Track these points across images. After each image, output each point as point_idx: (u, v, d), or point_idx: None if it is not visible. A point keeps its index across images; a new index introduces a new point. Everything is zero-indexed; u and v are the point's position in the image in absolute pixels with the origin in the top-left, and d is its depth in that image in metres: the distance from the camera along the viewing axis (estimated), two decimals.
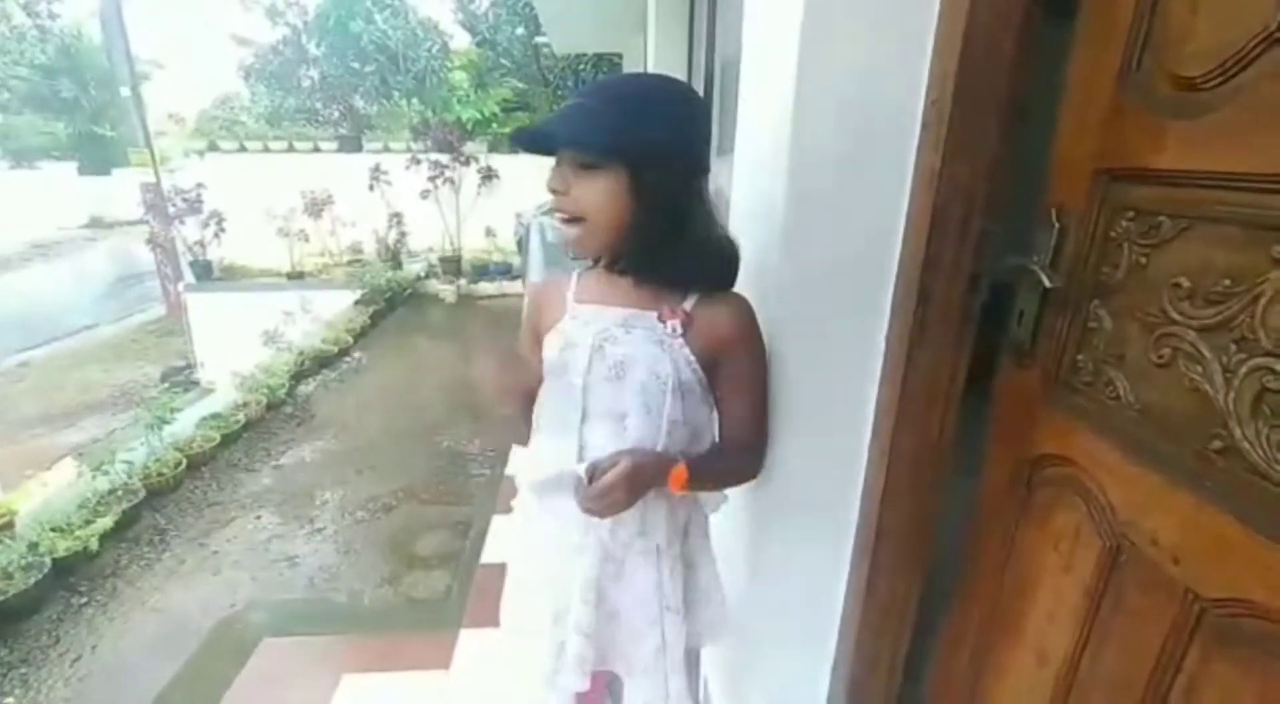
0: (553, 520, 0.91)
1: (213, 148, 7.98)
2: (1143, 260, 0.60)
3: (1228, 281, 0.51)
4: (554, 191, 0.82)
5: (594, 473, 0.78)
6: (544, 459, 0.88)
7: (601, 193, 0.79)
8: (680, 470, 0.82)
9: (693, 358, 0.84)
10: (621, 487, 0.77)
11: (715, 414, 0.92)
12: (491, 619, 1.02)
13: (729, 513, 1.03)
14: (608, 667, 0.96)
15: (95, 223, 15.25)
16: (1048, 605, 0.72)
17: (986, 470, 0.83)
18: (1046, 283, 0.68)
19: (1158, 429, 0.58)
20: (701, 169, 0.85)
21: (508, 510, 1.00)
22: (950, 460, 0.89)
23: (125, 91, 7.09)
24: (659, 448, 0.83)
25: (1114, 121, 0.63)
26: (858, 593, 0.98)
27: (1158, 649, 0.56)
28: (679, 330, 0.84)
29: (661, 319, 0.84)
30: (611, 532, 0.87)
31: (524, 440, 0.97)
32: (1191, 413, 0.54)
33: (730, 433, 0.91)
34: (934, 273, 0.80)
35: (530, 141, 0.83)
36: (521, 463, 0.96)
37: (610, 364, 0.83)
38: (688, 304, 0.86)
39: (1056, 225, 0.69)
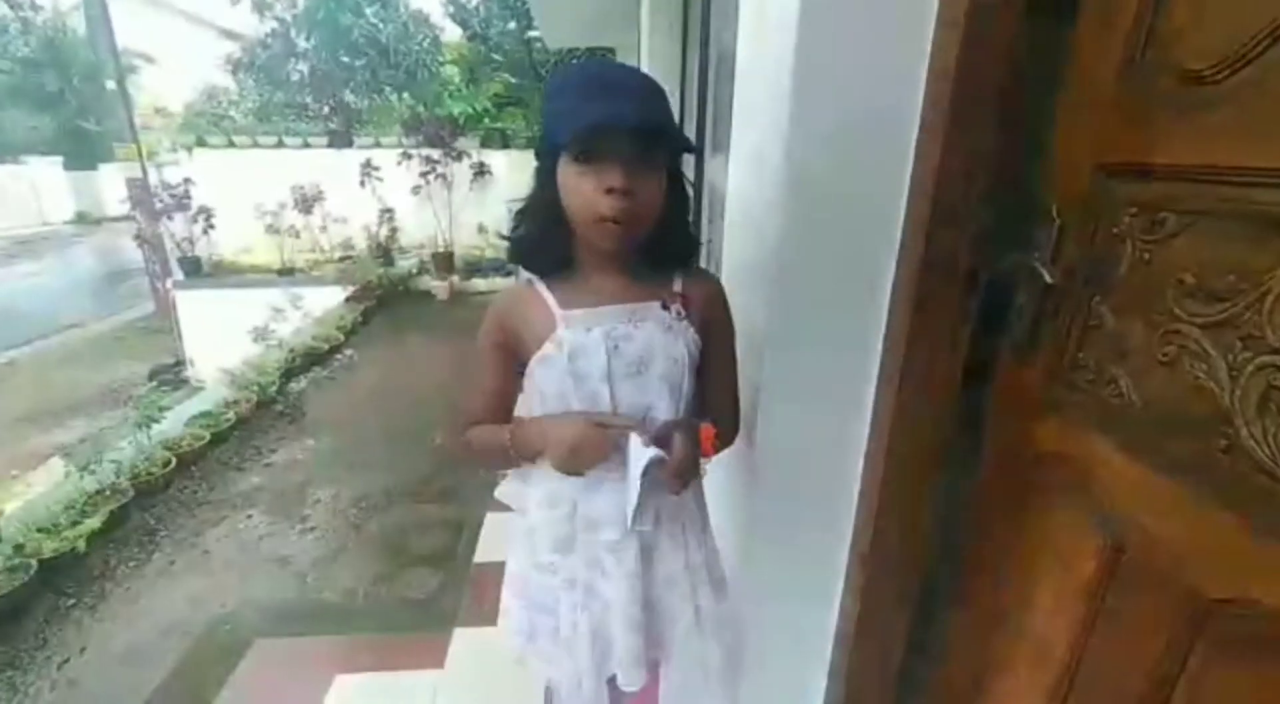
0: (586, 528, 0.87)
1: (200, 143, 7.86)
2: (1146, 257, 0.59)
3: (1233, 278, 0.50)
4: (624, 192, 0.74)
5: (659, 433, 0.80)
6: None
7: (655, 188, 0.78)
8: (708, 429, 0.85)
9: (697, 338, 0.86)
10: (691, 451, 0.81)
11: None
12: (485, 618, 1.00)
13: (724, 515, 1.03)
14: (650, 654, 0.94)
15: (82, 219, 15.05)
16: (1047, 605, 0.72)
17: (984, 468, 0.83)
18: (1047, 279, 0.67)
19: (1161, 427, 0.57)
20: None
21: (501, 508, 0.96)
22: (948, 460, 0.89)
23: (111, 85, 6.99)
24: None
25: (1116, 116, 0.62)
26: (855, 596, 0.97)
27: (1160, 650, 0.56)
28: (683, 313, 0.85)
29: (665, 306, 0.85)
30: (655, 521, 0.86)
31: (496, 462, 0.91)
32: (1196, 411, 0.53)
33: (716, 399, 0.93)
34: (932, 270, 0.79)
35: (624, 128, 0.73)
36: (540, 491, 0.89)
37: (629, 361, 0.82)
38: (677, 286, 0.87)
39: (1057, 221, 0.68)
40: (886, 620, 0.97)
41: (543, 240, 0.83)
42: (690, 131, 2.49)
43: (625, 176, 0.73)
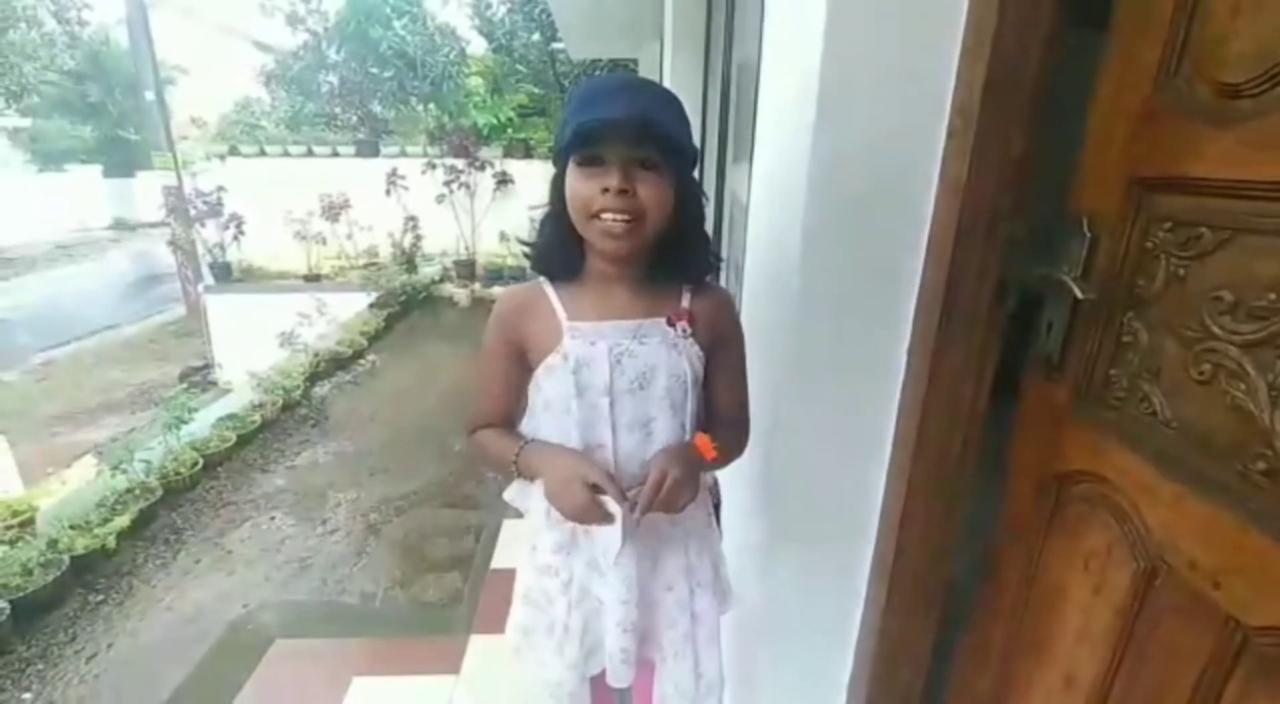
0: (587, 531, 0.88)
1: (233, 152, 8.09)
2: (1181, 272, 0.58)
3: (1273, 296, 0.49)
4: (620, 191, 0.75)
5: (648, 499, 0.80)
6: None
7: (660, 192, 0.78)
8: (702, 438, 0.86)
9: (701, 353, 0.87)
10: (679, 481, 0.80)
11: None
12: (501, 625, 1.01)
13: (743, 530, 1.02)
14: (643, 654, 0.95)
15: (119, 225, 15.56)
16: (1077, 627, 0.70)
17: (1011, 485, 0.81)
18: (1078, 294, 0.66)
19: (1197, 448, 0.55)
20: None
21: (519, 515, 0.97)
22: (973, 476, 0.87)
23: (150, 96, 7.24)
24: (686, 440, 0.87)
25: (1150, 129, 0.61)
26: (875, 614, 0.96)
27: (1195, 678, 0.54)
28: (688, 331, 0.85)
29: (671, 323, 0.85)
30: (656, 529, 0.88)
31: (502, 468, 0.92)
32: (1233, 432, 0.52)
33: (726, 413, 0.93)
34: (958, 283, 0.78)
35: (617, 126, 0.73)
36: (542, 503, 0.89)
37: (631, 376, 0.83)
38: (685, 302, 0.87)
39: (1088, 235, 0.67)
40: (907, 641, 0.95)
41: (555, 247, 0.85)
42: (712, 142, 2.49)
43: (622, 176, 0.74)
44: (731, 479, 0.90)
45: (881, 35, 0.76)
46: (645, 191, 0.76)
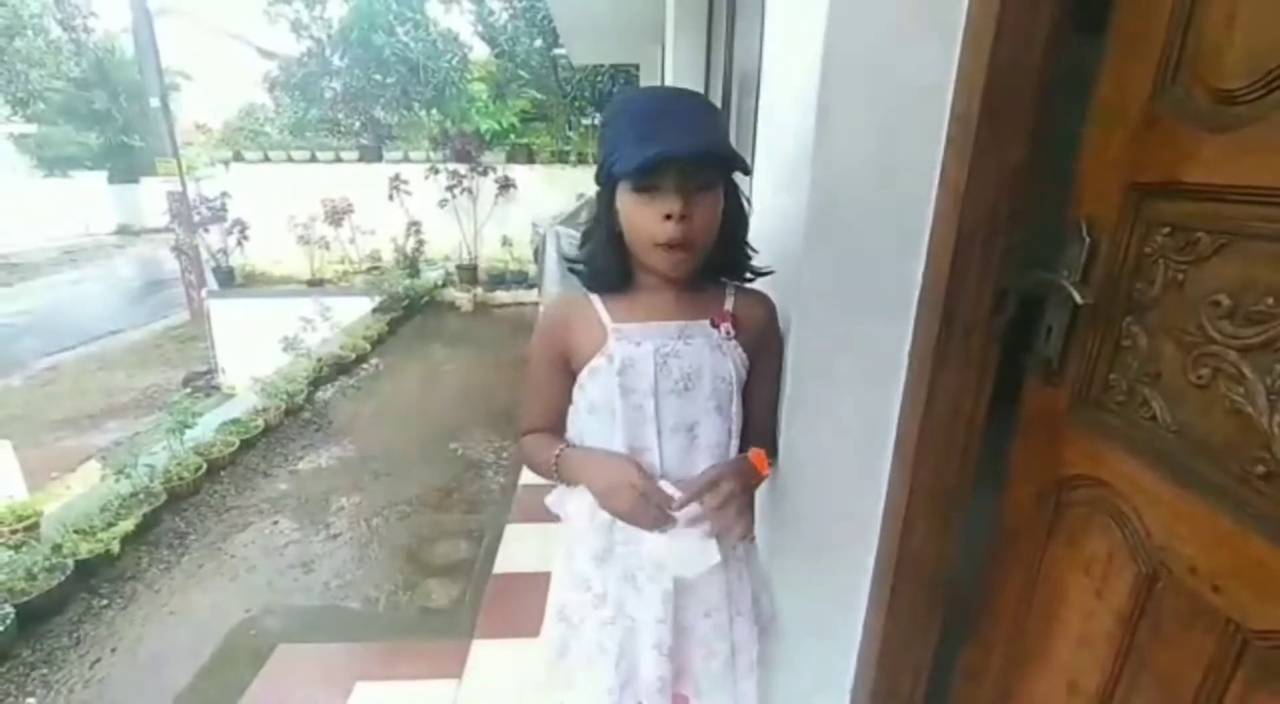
0: (625, 540, 0.87)
1: (238, 158, 8.14)
2: (1180, 277, 0.58)
3: (1271, 300, 0.49)
4: (681, 218, 0.74)
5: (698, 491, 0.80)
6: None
7: (714, 212, 0.78)
8: (758, 453, 0.86)
9: (745, 356, 0.87)
10: (733, 493, 0.80)
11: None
12: (504, 630, 1.00)
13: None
14: (678, 688, 0.92)
15: (123, 230, 15.64)
16: (1078, 632, 0.70)
17: (1011, 489, 0.81)
18: (1078, 299, 0.66)
19: (1196, 451, 0.56)
20: None
21: (521, 519, 0.96)
22: (973, 481, 0.87)
23: (155, 103, 7.28)
24: (731, 446, 0.87)
25: (1147, 135, 0.61)
26: (877, 617, 0.96)
27: (1197, 682, 0.54)
28: (732, 332, 0.86)
29: (714, 324, 0.85)
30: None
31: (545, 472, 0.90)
32: (1233, 435, 0.52)
33: (759, 417, 0.93)
34: (958, 289, 0.79)
35: (680, 160, 0.73)
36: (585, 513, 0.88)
37: (676, 378, 0.83)
38: (728, 304, 0.87)
39: (1087, 240, 0.67)
40: (909, 646, 0.95)
41: (604, 263, 0.85)
42: None
43: (684, 203, 0.75)
44: None
45: (881, 42, 0.77)
46: (700, 215, 0.77)
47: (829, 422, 0.91)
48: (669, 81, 3.37)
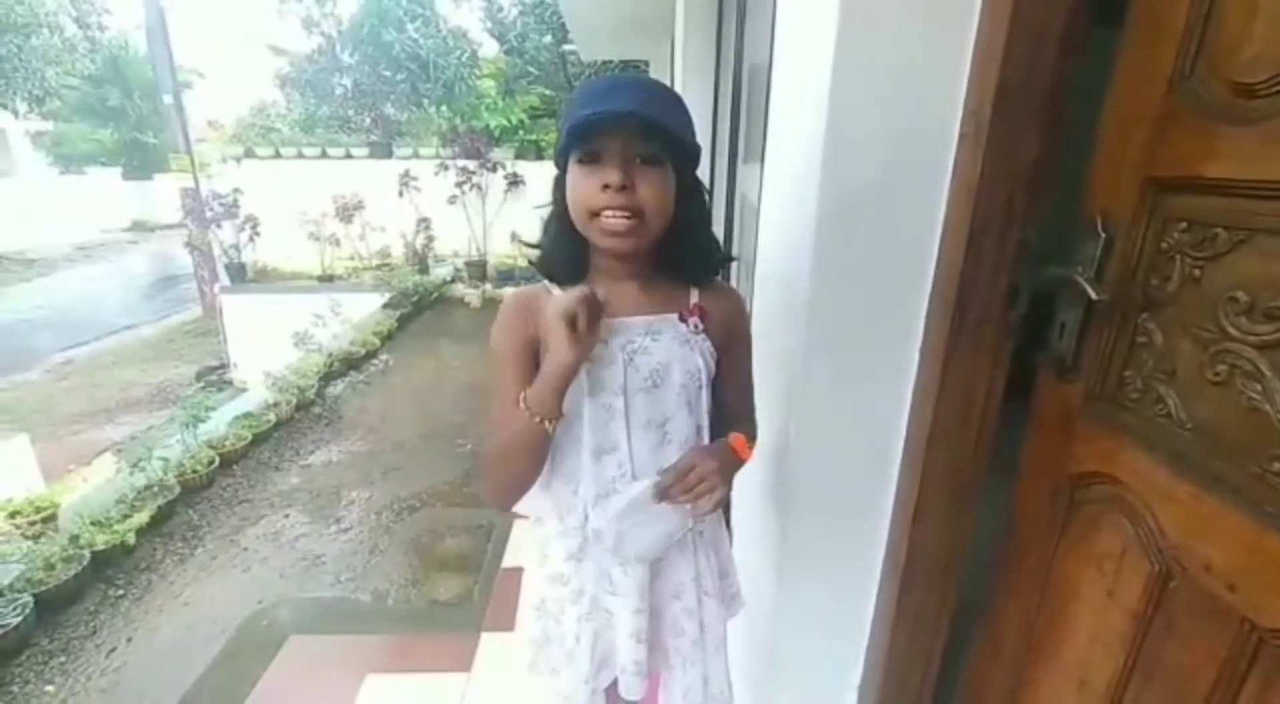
0: (597, 538, 0.85)
1: (249, 154, 8.21)
2: (1196, 273, 0.57)
3: None
4: (620, 187, 0.73)
5: (670, 480, 0.79)
6: (599, 486, 0.83)
7: (661, 188, 0.76)
8: (738, 438, 0.86)
9: (713, 350, 0.86)
10: (714, 471, 0.79)
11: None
12: (512, 623, 1.01)
13: (755, 532, 1.02)
14: (651, 667, 0.94)
15: (137, 226, 15.81)
16: (1090, 630, 0.69)
17: (1023, 485, 0.81)
18: (1092, 295, 0.66)
19: (1212, 449, 0.55)
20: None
21: (528, 516, 0.97)
22: (985, 478, 0.87)
23: (168, 100, 7.36)
24: (702, 440, 0.87)
25: (1165, 129, 0.60)
26: (886, 614, 0.96)
27: (1211, 681, 0.54)
28: (700, 326, 0.85)
29: (683, 319, 0.85)
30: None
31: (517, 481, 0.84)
32: (1249, 433, 0.51)
33: (737, 411, 0.93)
34: (971, 284, 0.78)
35: (614, 120, 0.71)
36: (554, 502, 0.88)
37: (645, 374, 0.82)
38: (694, 298, 0.87)
39: (1102, 235, 0.67)
40: (918, 643, 0.95)
41: (558, 248, 0.83)
42: (723, 142, 2.49)
43: (622, 173, 0.73)
44: (742, 480, 0.90)
45: (893, 37, 0.76)
46: (645, 188, 0.74)
47: (840, 416, 0.91)
48: (679, 77, 3.36)
